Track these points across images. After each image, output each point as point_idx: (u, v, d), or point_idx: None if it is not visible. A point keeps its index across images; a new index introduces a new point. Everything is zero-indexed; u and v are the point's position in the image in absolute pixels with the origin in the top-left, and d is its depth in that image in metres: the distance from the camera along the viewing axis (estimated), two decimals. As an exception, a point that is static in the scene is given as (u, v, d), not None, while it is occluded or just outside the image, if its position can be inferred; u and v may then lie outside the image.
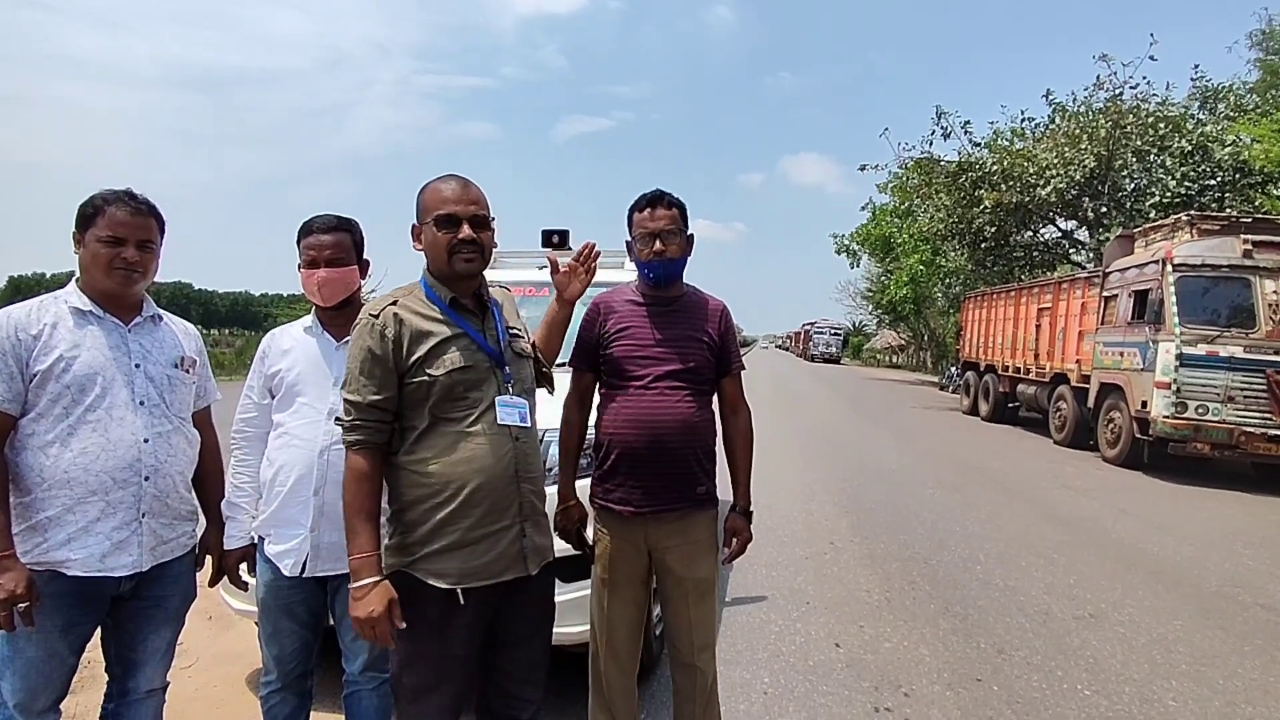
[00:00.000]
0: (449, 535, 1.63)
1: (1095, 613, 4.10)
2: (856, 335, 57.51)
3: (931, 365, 36.45)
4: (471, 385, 1.67)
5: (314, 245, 2.04)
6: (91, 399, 1.76)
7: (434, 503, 1.63)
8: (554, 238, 4.66)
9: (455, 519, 1.63)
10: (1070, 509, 6.79)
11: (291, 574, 1.99)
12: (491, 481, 1.65)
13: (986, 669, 3.35)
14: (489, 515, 1.65)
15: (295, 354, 2.07)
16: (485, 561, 1.65)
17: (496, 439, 1.67)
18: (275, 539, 2.02)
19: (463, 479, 1.63)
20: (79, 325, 1.80)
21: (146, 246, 1.84)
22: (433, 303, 1.72)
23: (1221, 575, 4.91)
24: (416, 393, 1.64)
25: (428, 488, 1.64)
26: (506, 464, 1.68)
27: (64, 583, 1.74)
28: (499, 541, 1.67)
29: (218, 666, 3.16)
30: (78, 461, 1.73)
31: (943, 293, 29.49)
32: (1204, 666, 3.47)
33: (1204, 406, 8.20)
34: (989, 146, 19.07)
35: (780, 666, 3.33)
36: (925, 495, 7.11)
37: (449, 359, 1.65)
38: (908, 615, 3.98)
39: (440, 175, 1.75)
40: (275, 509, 2.01)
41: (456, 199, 1.69)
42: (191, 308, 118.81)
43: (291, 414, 2.03)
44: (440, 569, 1.63)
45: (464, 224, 1.67)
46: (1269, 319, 8.18)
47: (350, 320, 2.01)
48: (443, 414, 1.65)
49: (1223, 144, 15.01)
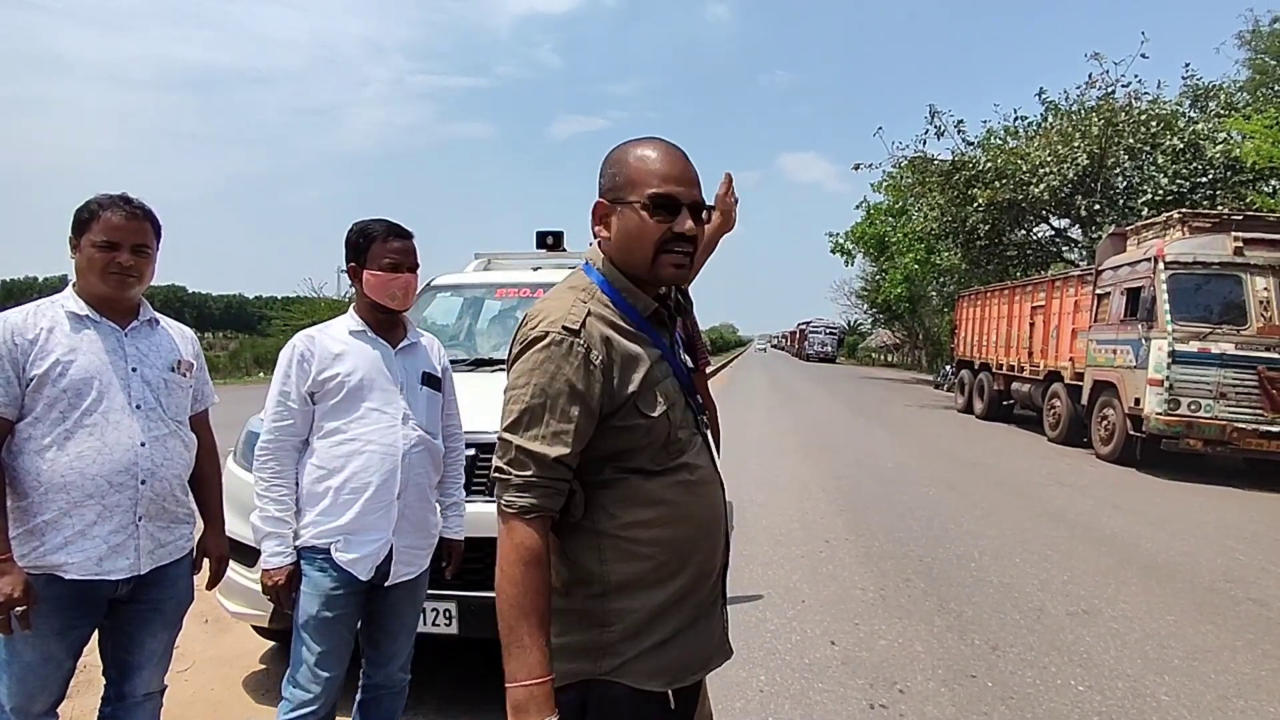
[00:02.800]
0: (671, 620, 1.21)
1: (1089, 609, 4.13)
2: (852, 334, 57.65)
3: (926, 364, 36.57)
4: (679, 424, 1.24)
5: (398, 250, 2.03)
6: (88, 403, 1.76)
7: (656, 579, 1.21)
8: (549, 239, 4.67)
9: (681, 598, 1.22)
10: (1064, 506, 6.82)
11: (366, 578, 1.97)
12: (714, 542, 1.28)
13: (981, 665, 3.37)
14: (709, 586, 1.29)
15: (351, 357, 2.01)
16: (698, 648, 1.26)
17: (712, 489, 1.28)
18: (349, 546, 1.95)
19: (690, 545, 1.23)
20: (75, 329, 1.80)
21: (142, 251, 1.84)
22: (625, 313, 1.23)
23: (1214, 570, 4.95)
24: (625, 438, 1.19)
25: (648, 561, 1.20)
26: (721, 518, 1.30)
27: (61, 586, 1.74)
28: (713, 618, 1.30)
29: (215, 669, 3.16)
30: (74, 465, 1.73)
31: (937, 291, 29.63)
32: (1196, 661, 3.49)
33: (1196, 403, 8.25)
34: (982, 145, 19.17)
35: (776, 664, 3.34)
36: (920, 493, 7.14)
37: (664, 392, 1.21)
38: (903, 612, 3.99)
39: (644, 138, 1.26)
40: (353, 516, 1.94)
41: (680, 176, 1.21)
42: (185, 310, 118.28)
43: (357, 420, 1.97)
44: (655, 667, 1.20)
45: (685, 212, 1.21)
46: (1260, 316, 8.24)
47: (398, 326, 2.11)
48: (658, 465, 1.21)
49: (1214, 142, 15.10)
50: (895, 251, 30.97)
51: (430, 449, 2.08)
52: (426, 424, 2.08)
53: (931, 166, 19.13)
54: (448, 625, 2.58)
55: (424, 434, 2.06)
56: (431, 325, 4.49)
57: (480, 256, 5.03)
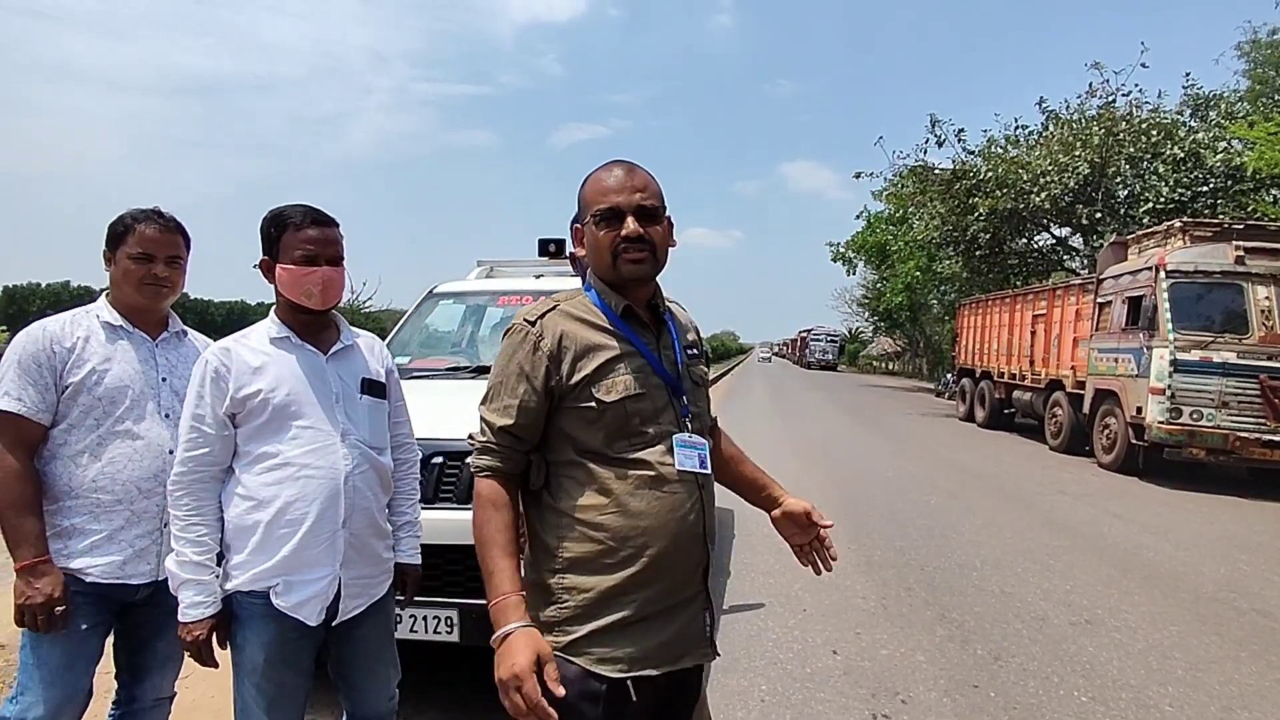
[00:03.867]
0: (623, 608, 1.30)
1: (1091, 619, 4.11)
2: (853, 342, 57.63)
3: (928, 372, 36.54)
4: (648, 418, 1.35)
5: (315, 240, 1.76)
6: (121, 410, 1.82)
7: (607, 563, 1.31)
8: (550, 246, 4.68)
9: (633, 587, 1.31)
10: (1066, 515, 6.80)
11: (315, 622, 1.73)
12: (679, 540, 1.34)
13: (983, 675, 3.36)
14: (674, 583, 1.35)
15: (274, 371, 1.74)
16: (662, 642, 1.33)
17: (682, 488, 1.36)
18: (289, 589, 1.70)
19: (644, 536, 1.31)
20: (110, 339, 1.86)
21: (174, 262, 1.91)
22: (601, 311, 1.41)
23: (1217, 580, 4.93)
24: (579, 421, 1.34)
25: (598, 544, 1.31)
26: (694, 518, 1.36)
27: (82, 586, 1.79)
28: (681, 616, 1.36)
29: (217, 677, 3.13)
30: (106, 471, 1.79)
31: (938, 299, 29.60)
32: (1200, 672, 3.47)
33: (1198, 412, 8.23)
34: (983, 154, 19.19)
35: (777, 674, 3.33)
36: (922, 501, 7.12)
37: (622, 382, 1.34)
38: (904, 622, 3.98)
39: (603, 163, 1.45)
40: (289, 553, 1.69)
41: (619, 188, 1.38)
42: (187, 317, 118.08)
43: (290, 441, 1.72)
44: (607, 652, 1.29)
45: (629, 217, 1.37)
46: (1261, 324, 8.24)
47: (329, 328, 1.87)
48: (616, 452, 1.34)
49: (1215, 151, 15.13)
50: (896, 260, 31.00)
51: (376, 467, 1.84)
52: (370, 439, 1.84)
53: (932, 175, 19.15)
54: (449, 633, 2.57)
55: (368, 450, 1.81)
56: (434, 333, 4.50)
57: (482, 264, 5.04)
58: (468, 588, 2.56)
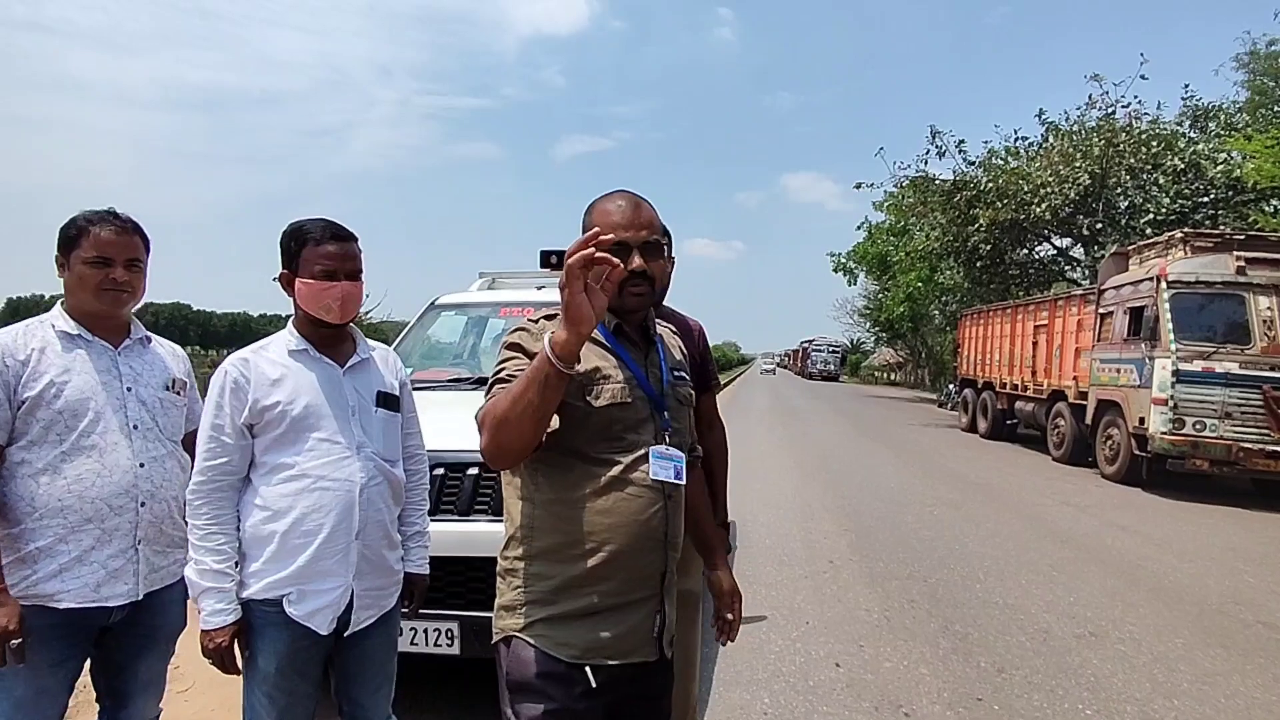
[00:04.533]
0: (579, 598, 1.39)
1: (1096, 631, 4.09)
2: (855, 353, 57.63)
3: (929, 382, 36.49)
4: (630, 426, 1.43)
5: (332, 255, 1.78)
6: (85, 424, 1.72)
7: (570, 554, 1.39)
8: (552, 258, 4.69)
9: (590, 580, 1.39)
10: (1070, 526, 6.77)
11: (327, 631, 1.76)
12: (638, 542, 1.41)
13: (987, 688, 3.33)
14: (628, 583, 1.41)
15: (292, 382, 1.77)
16: (614, 635, 1.40)
17: (648, 493, 1.42)
18: (303, 598, 1.74)
19: (607, 534, 1.39)
20: (67, 349, 1.75)
21: (134, 266, 1.80)
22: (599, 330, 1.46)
23: (1222, 592, 4.90)
24: (565, 418, 1.38)
25: (564, 536, 1.40)
26: (656, 524, 1.43)
27: (54, 616, 1.69)
28: (633, 614, 1.42)
29: (215, 690, 3.13)
30: (72, 489, 1.69)
31: (940, 310, 29.62)
32: (1206, 685, 3.45)
33: (1201, 423, 8.21)
34: (983, 165, 19.26)
35: (780, 687, 3.31)
36: (924, 513, 7.10)
37: (611, 390, 1.42)
38: (908, 634, 3.96)
39: (608, 193, 1.52)
40: (304, 563, 1.73)
41: (627, 223, 1.44)
42: (190, 329, 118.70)
43: (306, 453, 1.75)
44: (563, 637, 1.38)
45: (634, 253, 1.43)
46: (1264, 335, 8.23)
47: (346, 341, 1.90)
48: (594, 453, 1.41)
49: (1215, 162, 15.17)
50: (897, 270, 31.03)
51: (390, 480, 1.87)
52: (384, 451, 1.86)
53: (933, 186, 19.22)
54: (449, 646, 2.56)
55: (382, 463, 1.84)
56: (436, 344, 4.51)
57: (485, 275, 5.06)
58: (469, 600, 2.55)
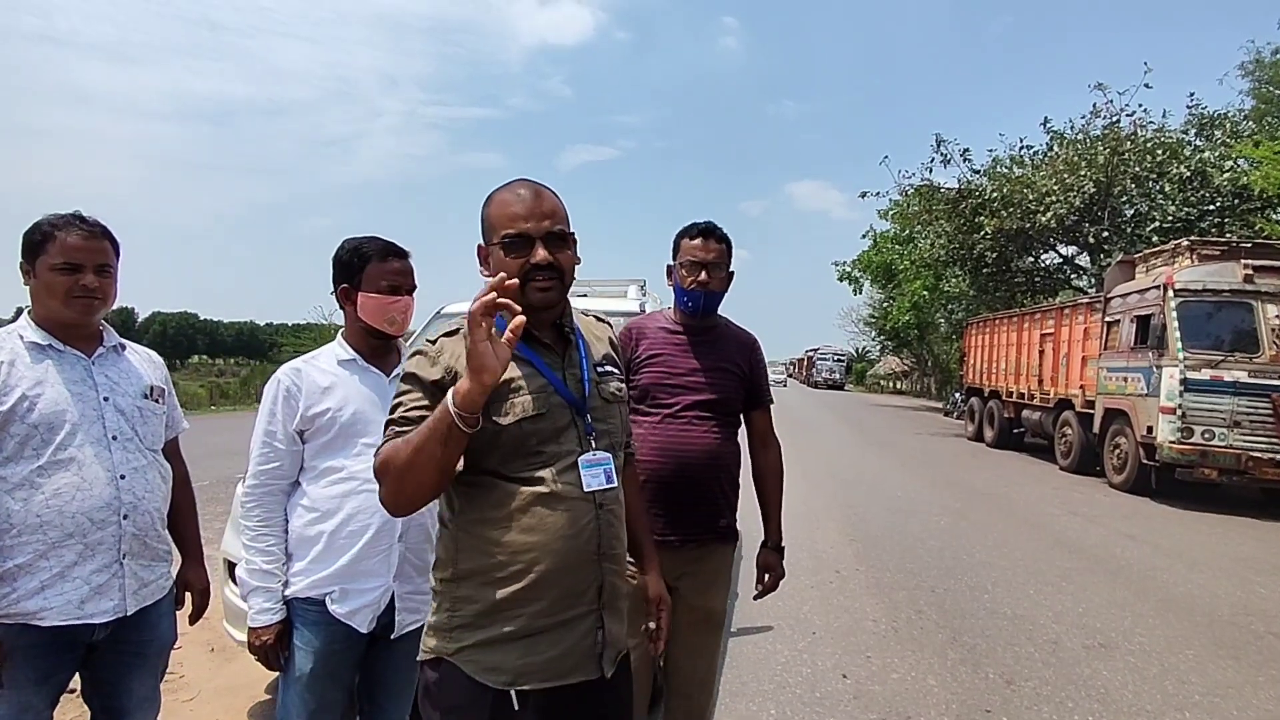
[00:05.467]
0: (508, 622, 1.32)
1: (1105, 642, 4.05)
2: (860, 361, 57.48)
3: (935, 391, 36.36)
4: (547, 438, 1.35)
5: (397, 271, 1.89)
6: (61, 437, 1.66)
7: (496, 577, 1.32)
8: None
9: (518, 602, 1.32)
10: (1078, 536, 6.73)
11: (367, 630, 1.83)
12: (567, 559, 1.34)
13: (995, 700, 3.31)
14: (561, 601, 1.34)
15: (342, 391, 1.86)
16: (549, 657, 1.33)
17: (576, 506, 1.36)
18: (345, 597, 1.81)
19: (533, 553, 1.32)
20: (37, 360, 1.69)
21: (104, 271, 1.73)
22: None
23: (1233, 603, 4.86)
24: (475, 441, 1.29)
25: (489, 558, 1.33)
26: (587, 537, 1.36)
27: (37, 634, 1.64)
28: (569, 634, 1.35)
29: (220, 699, 3.14)
30: (51, 504, 1.64)
31: (945, 318, 29.55)
32: (1217, 698, 3.42)
33: (1210, 431, 8.17)
34: (988, 174, 19.25)
35: (787, 698, 3.29)
36: (931, 522, 7.06)
37: (520, 404, 1.34)
38: (915, 645, 3.93)
39: (508, 182, 1.42)
40: (348, 562, 1.80)
41: (528, 213, 1.35)
42: (198, 338, 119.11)
43: (355, 457, 1.82)
44: (493, 662, 1.32)
45: (538, 245, 1.35)
46: (1272, 343, 8.18)
47: (392, 351, 1.98)
48: (512, 471, 1.34)
49: (1220, 170, 15.14)
50: (903, 279, 30.99)
51: None
52: None
53: (938, 195, 19.22)
54: None
55: None
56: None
57: None
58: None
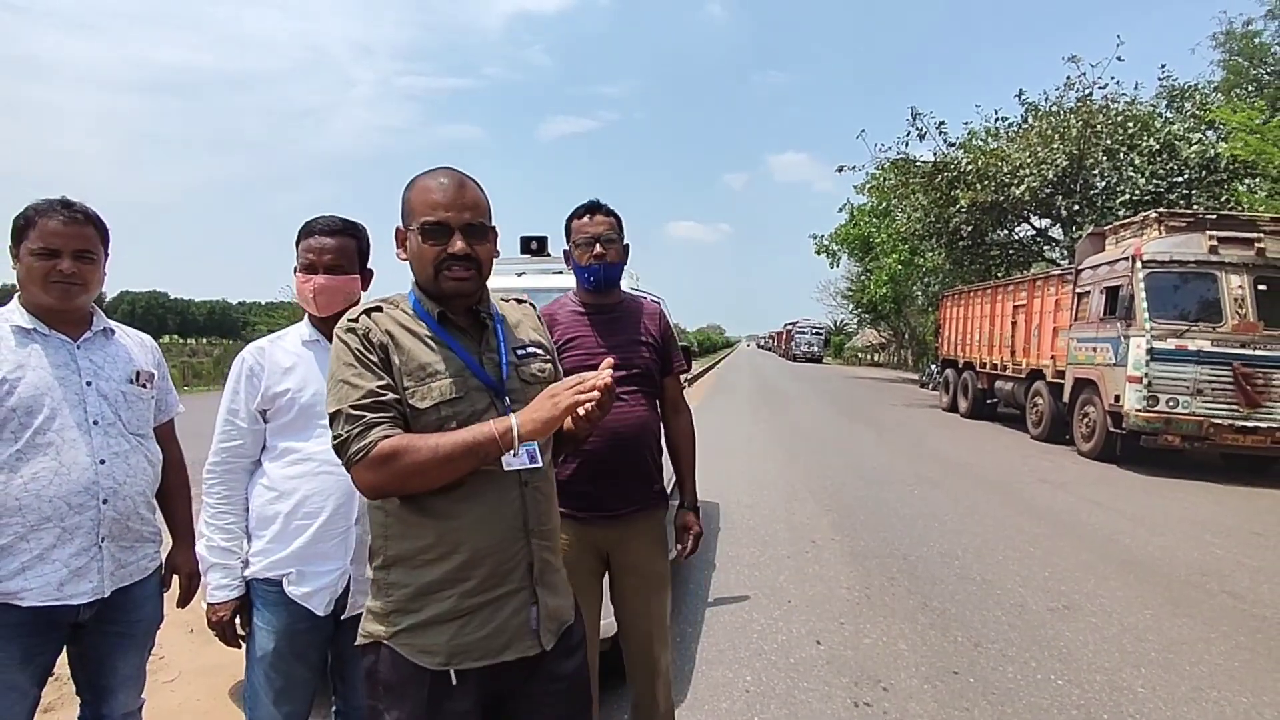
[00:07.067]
0: (439, 603, 1.34)
1: (1069, 604, 4.20)
2: (838, 334, 57.95)
3: (912, 363, 36.84)
4: (466, 420, 1.35)
5: (313, 249, 1.86)
6: (40, 421, 1.67)
7: (423, 560, 1.34)
8: (532, 244, 4.69)
9: (446, 584, 1.34)
10: (1046, 503, 6.92)
11: (324, 613, 1.83)
12: (492, 539, 1.36)
13: (963, 661, 3.43)
14: (489, 580, 1.35)
15: (302, 371, 1.86)
16: (481, 636, 1.35)
17: (499, 486, 1.37)
18: (301, 579, 1.81)
19: (457, 535, 1.34)
20: (21, 344, 1.71)
21: (85, 257, 1.74)
22: (420, 318, 1.42)
23: (1190, 565, 5.04)
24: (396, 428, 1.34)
25: (417, 540, 1.35)
26: (512, 516, 1.38)
27: (18, 614, 1.67)
28: (499, 612, 1.37)
29: (201, 679, 3.15)
30: (29, 488, 1.65)
31: (921, 291, 29.84)
32: (1172, 654, 3.57)
33: (1174, 399, 8.39)
34: (964, 146, 19.37)
35: (762, 665, 3.38)
36: (905, 492, 7.22)
37: (437, 388, 1.35)
38: (887, 611, 4.05)
39: (431, 169, 1.43)
40: (304, 544, 1.81)
41: (448, 203, 1.37)
42: (168, 317, 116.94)
43: (314, 439, 1.82)
44: (426, 644, 1.34)
45: (456, 235, 1.37)
46: (1234, 313, 8.39)
47: None
48: None
49: (1189, 142, 15.36)
50: (880, 252, 31.18)
51: None
52: None
53: (914, 168, 19.31)
54: None
55: None
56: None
57: None
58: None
